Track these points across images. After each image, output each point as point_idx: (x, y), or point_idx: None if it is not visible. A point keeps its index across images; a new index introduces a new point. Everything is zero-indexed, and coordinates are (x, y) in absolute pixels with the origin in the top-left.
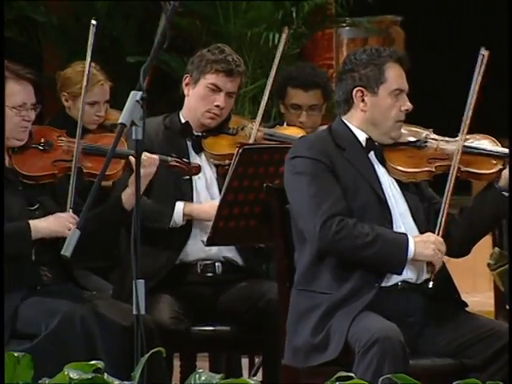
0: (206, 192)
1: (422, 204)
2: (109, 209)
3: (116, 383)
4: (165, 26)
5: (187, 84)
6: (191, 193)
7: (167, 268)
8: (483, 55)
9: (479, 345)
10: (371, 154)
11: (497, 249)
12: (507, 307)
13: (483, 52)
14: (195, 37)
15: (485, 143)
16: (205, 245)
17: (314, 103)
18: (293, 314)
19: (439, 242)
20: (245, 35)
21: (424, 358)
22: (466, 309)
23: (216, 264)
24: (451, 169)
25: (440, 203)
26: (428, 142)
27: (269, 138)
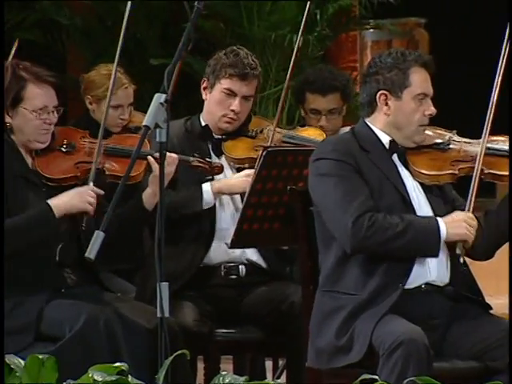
0: (228, 196)
1: (445, 207)
2: (130, 209)
3: None
4: (189, 29)
5: (205, 88)
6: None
7: (191, 271)
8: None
9: (503, 347)
10: (394, 157)
11: None
12: None
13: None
14: (219, 39)
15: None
16: (228, 247)
17: (333, 107)
18: (317, 315)
19: (469, 218)
20: (269, 37)
21: (448, 361)
22: (490, 311)
23: (239, 266)
24: (474, 171)
25: (464, 205)
26: (451, 144)
27: (287, 141)
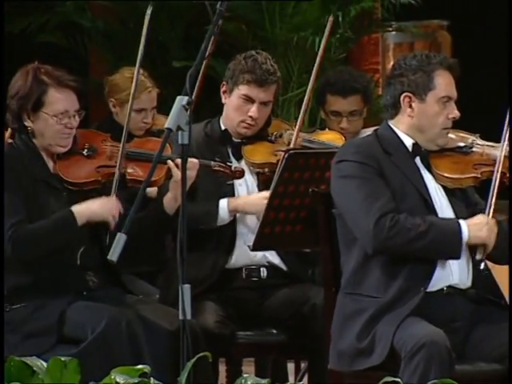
0: None
1: (468, 210)
2: (151, 213)
3: None
4: (211, 31)
5: (224, 92)
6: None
7: (212, 278)
8: None
9: None
10: (417, 160)
11: None
12: None
13: None
14: (241, 41)
15: None
16: (250, 250)
17: (354, 109)
18: (338, 318)
19: (491, 222)
20: (291, 40)
21: (470, 364)
22: None
23: (261, 269)
24: (494, 174)
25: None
26: (474, 148)
27: (306, 145)
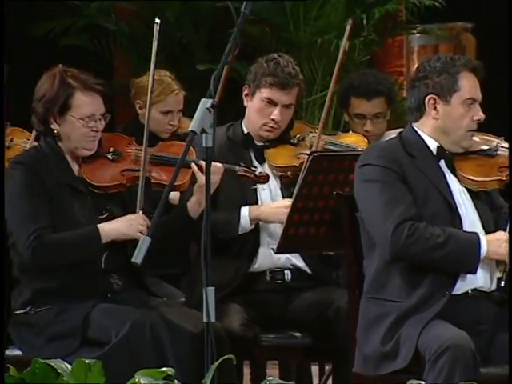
0: (271, 202)
1: (492, 213)
2: (175, 217)
3: None
4: (235, 34)
5: (246, 95)
6: (256, 201)
7: (235, 282)
8: None
9: None
10: (442, 163)
11: None
12: None
13: None
14: (265, 44)
15: None
16: (275, 252)
17: (378, 111)
18: (362, 322)
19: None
20: (315, 43)
21: (495, 366)
22: None
23: (285, 271)
24: None
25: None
26: (499, 150)
27: (329, 148)
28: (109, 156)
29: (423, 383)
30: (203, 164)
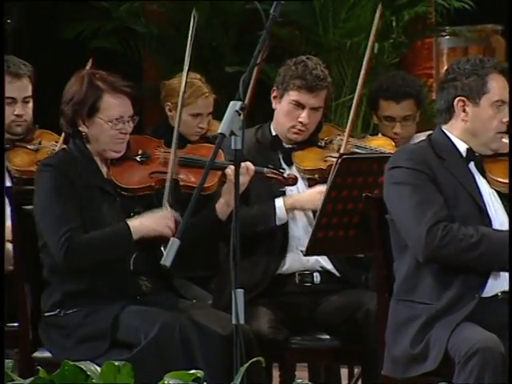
0: None
1: None
2: (203, 219)
3: None
4: (264, 36)
5: (275, 97)
6: None
7: (264, 283)
8: None
9: None
10: (471, 165)
11: None
12: None
13: None
14: (294, 47)
15: None
16: (303, 255)
17: (408, 114)
18: (392, 324)
19: None
20: (344, 45)
21: None
22: None
23: (314, 274)
24: None
25: None
26: None
27: (357, 152)
28: (137, 158)
29: None
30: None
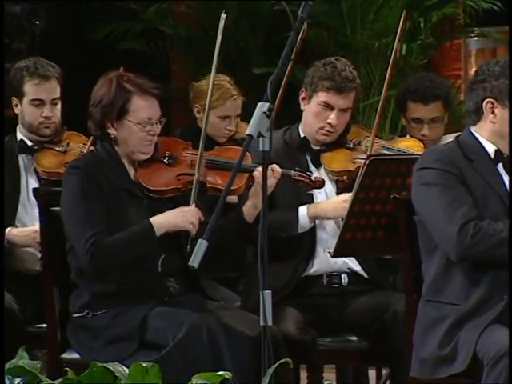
0: None
1: None
2: (230, 221)
3: None
4: (292, 37)
5: (303, 98)
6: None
7: (291, 285)
8: None
9: None
10: (499, 166)
11: None
12: None
13: None
14: (322, 48)
15: None
16: (331, 256)
17: (436, 116)
18: (420, 326)
19: None
20: (372, 46)
21: None
22: None
23: (342, 275)
24: None
25: None
26: None
27: (385, 153)
28: (164, 160)
29: None
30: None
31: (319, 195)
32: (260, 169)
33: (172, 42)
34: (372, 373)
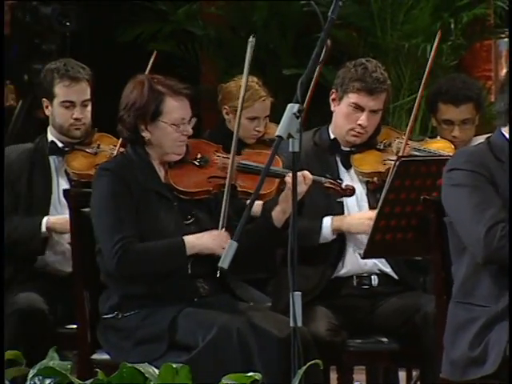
0: (357, 208)
1: None
2: (259, 226)
3: None
4: (322, 38)
5: (333, 99)
6: (342, 209)
7: (320, 287)
8: None
9: None
10: None
11: None
12: None
13: None
14: (352, 49)
15: None
16: (361, 257)
17: (467, 117)
18: (450, 327)
19: None
20: (402, 47)
21: None
22: None
23: (372, 276)
24: None
25: None
26: None
27: (416, 154)
28: (196, 162)
29: None
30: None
31: (349, 198)
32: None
33: (202, 44)
34: (402, 374)
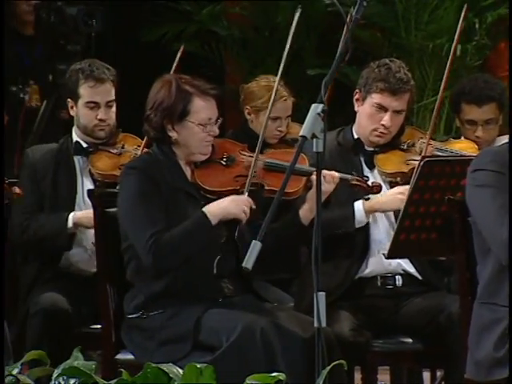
0: None
1: None
2: (286, 224)
3: None
4: (346, 38)
5: (357, 99)
6: None
7: (344, 286)
8: None
9: None
10: None
11: None
12: None
13: None
14: (376, 49)
15: None
16: (385, 257)
17: (490, 117)
18: (475, 328)
19: None
20: (426, 47)
21: None
22: None
23: (396, 277)
24: None
25: None
26: None
27: (439, 155)
28: (222, 162)
29: None
30: (325, 174)
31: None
32: (324, 172)
33: (226, 44)
34: (426, 375)
